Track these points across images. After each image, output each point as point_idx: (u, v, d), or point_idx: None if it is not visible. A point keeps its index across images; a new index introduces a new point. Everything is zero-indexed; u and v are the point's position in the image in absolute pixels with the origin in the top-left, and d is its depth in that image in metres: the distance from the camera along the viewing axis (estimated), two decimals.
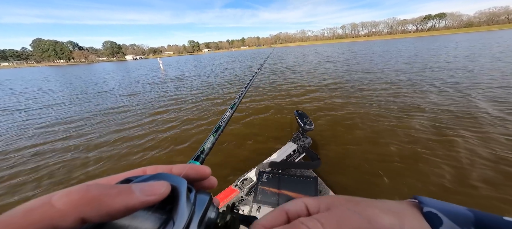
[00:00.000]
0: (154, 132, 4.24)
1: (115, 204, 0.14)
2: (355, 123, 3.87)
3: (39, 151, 3.76)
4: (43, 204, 0.13)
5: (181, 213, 0.17)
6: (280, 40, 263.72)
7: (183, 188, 0.19)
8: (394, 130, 3.43)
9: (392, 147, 2.91)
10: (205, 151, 0.34)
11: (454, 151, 2.70)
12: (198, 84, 9.88)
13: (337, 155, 2.91)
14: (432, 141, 2.97)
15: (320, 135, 3.48)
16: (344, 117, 4.22)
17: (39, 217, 0.13)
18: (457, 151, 2.69)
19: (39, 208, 0.13)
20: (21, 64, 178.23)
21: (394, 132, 3.36)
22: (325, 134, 3.53)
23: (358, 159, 2.73)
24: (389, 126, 3.58)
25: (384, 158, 2.69)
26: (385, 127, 3.57)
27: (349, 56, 18.02)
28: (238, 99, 0.60)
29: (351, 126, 3.78)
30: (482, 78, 6.33)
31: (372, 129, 3.54)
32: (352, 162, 2.69)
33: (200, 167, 0.24)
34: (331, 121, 4.11)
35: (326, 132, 3.63)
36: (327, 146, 3.16)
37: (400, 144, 2.97)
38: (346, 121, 4.01)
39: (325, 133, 3.59)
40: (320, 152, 3.01)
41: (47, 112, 6.59)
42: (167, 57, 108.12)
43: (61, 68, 57.75)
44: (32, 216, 0.13)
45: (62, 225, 0.13)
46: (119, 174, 0.20)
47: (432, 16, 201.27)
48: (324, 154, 2.96)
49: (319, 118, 4.27)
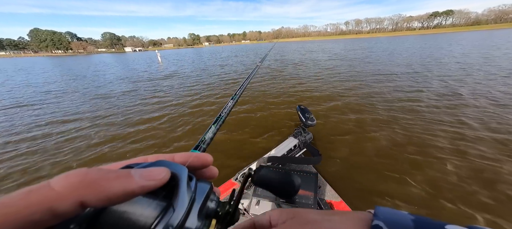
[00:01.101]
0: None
1: (114, 188, 0.14)
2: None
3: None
4: (42, 187, 0.13)
5: (182, 200, 0.17)
6: (282, 35, 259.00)
7: (183, 176, 0.19)
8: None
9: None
10: (206, 141, 0.33)
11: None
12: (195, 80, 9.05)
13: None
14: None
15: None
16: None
17: (38, 199, 0.13)
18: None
19: (38, 191, 0.13)
20: (18, 54, 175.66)
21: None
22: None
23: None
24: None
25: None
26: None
27: (381, 56, 13.48)
28: (239, 90, 0.61)
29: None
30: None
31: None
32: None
33: (202, 154, 0.24)
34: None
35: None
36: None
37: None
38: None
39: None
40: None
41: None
42: (166, 50, 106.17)
43: (58, 58, 56.41)
44: (30, 198, 0.13)
45: (60, 207, 0.13)
46: (120, 161, 0.20)
47: (439, 13, 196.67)
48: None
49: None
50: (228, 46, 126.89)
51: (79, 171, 0.14)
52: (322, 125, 3.76)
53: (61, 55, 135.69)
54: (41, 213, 0.12)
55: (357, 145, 3.02)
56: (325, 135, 3.36)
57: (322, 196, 1.55)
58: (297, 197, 1.10)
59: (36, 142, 3.75)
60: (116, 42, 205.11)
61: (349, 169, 2.50)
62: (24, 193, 0.13)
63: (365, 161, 2.63)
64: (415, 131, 3.29)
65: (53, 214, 0.13)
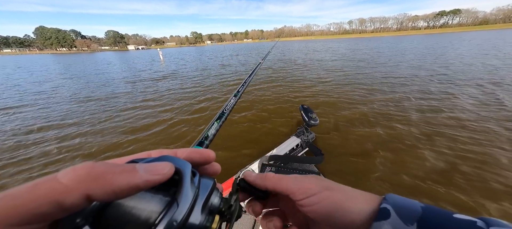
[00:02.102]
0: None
1: (119, 182, 0.14)
2: None
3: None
4: (49, 180, 0.13)
5: (185, 196, 0.17)
6: (284, 34, 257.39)
7: (187, 171, 0.19)
8: None
9: None
10: (209, 137, 0.33)
11: None
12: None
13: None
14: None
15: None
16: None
17: (45, 192, 0.13)
18: None
19: (45, 183, 0.13)
20: (23, 51, 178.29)
21: None
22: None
23: None
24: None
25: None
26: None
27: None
28: (242, 87, 0.60)
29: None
30: None
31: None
32: None
33: (205, 150, 0.24)
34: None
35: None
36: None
37: None
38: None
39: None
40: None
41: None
42: (169, 48, 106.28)
43: (61, 56, 56.73)
44: (37, 191, 0.13)
45: (67, 200, 0.13)
46: (124, 157, 0.20)
47: (446, 12, 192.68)
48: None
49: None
50: (230, 44, 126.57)
51: (86, 164, 0.14)
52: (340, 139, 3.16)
53: (65, 52, 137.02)
54: (48, 205, 0.13)
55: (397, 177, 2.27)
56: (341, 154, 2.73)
57: None
58: None
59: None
60: (120, 40, 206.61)
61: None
62: (31, 186, 0.13)
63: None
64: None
65: (60, 207, 0.13)
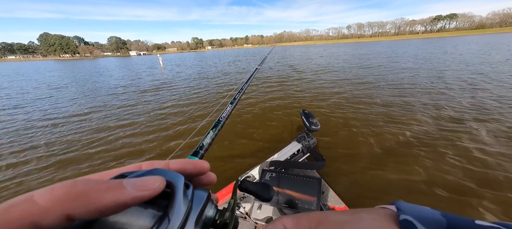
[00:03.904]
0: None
1: (104, 200, 0.14)
2: None
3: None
4: (24, 201, 0.13)
5: (177, 210, 0.16)
6: (284, 39, 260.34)
7: (179, 184, 0.18)
8: None
9: None
10: (204, 146, 0.33)
11: None
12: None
13: None
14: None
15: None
16: None
17: (19, 214, 0.12)
18: None
19: (19, 205, 0.12)
20: (27, 58, 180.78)
21: None
22: None
23: None
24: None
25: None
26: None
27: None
28: (238, 94, 0.58)
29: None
30: None
31: None
32: None
33: (198, 161, 0.23)
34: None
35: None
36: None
37: None
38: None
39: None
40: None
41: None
42: (169, 54, 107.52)
43: (63, 62, 57.14)
44: (11, 213, 0.12)
45: (45, 222, 0.12)
46: (112, 169, 0.19)
47: (443, 17, 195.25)
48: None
49: None
50: (229, 50, 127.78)
51: (65, 183, 0.14)
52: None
53: (68, 59, 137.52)
54: (24, 228, 0.12)
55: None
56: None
57: (325, 202, 1.54)
58: (299, 202, 1.06)
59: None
60: (122, 46, 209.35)
61: None
62: (4, 207, 0.12)
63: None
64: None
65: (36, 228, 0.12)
